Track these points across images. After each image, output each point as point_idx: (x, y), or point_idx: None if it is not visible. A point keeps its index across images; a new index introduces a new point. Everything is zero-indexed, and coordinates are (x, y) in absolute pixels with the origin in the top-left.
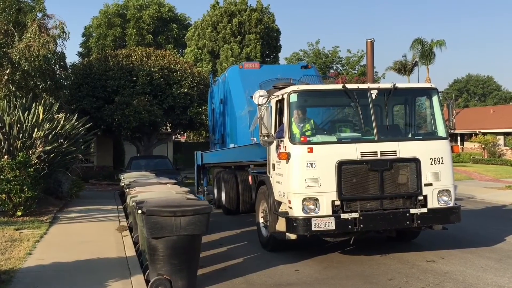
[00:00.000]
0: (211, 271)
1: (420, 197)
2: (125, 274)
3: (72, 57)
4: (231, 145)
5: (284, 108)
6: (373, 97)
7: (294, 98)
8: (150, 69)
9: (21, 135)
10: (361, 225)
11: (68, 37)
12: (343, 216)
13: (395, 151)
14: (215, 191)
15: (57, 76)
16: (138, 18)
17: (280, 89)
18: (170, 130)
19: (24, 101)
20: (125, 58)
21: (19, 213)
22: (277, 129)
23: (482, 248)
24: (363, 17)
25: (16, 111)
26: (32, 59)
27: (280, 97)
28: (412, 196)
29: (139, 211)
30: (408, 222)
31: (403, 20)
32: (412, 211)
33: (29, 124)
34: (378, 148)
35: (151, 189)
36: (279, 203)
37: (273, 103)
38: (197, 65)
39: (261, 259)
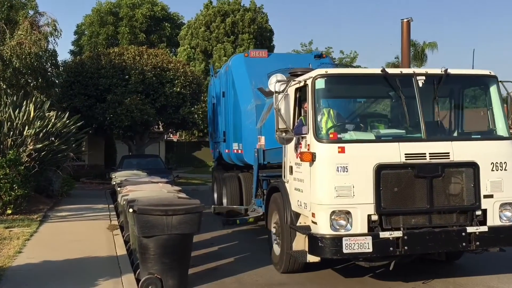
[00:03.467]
0: (202, 270)
1: (478, 212)
2: (115, 273)
3: (64, 55)
4: (234, 144)
5: (307, 96)
6: (420, 85)
7: (321, 84)
8: (142, 67)
9: (11, 133)
10: (405, 247)
11: (60, 34)
12: (383, 235)
13: (448, 153)
14: (215, 194)
15: (49, 74)
16: (131, 17)
17: (298, 76)
18: (162, 129)
19: (15, 98)
20: (118, 56)
21: (9, 211)
22: (295, 123)
23: None
24: (356, 18)
25: (6, 109)
26: (24, 56)
27: (302, 83)
28: (468, 211)
29: (130, 210)
30: (464, 244)
31: (395, 22)
32: (469, 229)
33: (20, 122)
34: (427, 149)
35: (142, 188)
36: (297, 215)
37: (291, 91)
38: (190, 64)
39: (253, 259)
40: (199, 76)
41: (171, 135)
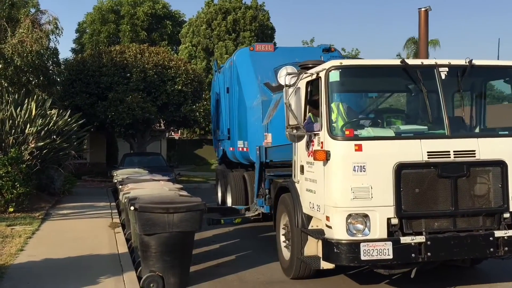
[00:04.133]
0: (203, 268)
1: (506, 214)
2: (117, 270)
3: (65, 53)
4: (239, 142)
5: (320, 90)
6: (443, 77)
7: (335, 76)
8: (144, 65)
9: (13, 131)
10: (428, 253)
11: (62, 32)
12: (404, 240)
13: (474, 151)
14: (219, 194)
15: (50, 72)
16: (132, 15)
17: (309, 69)
18: (163, 127)
19: (16, 96)
20: (119, 54)
21: (11, 209)
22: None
23: None
24: (357, 15)
25: (8, 107)
26: (25, 54)
27: (314, 76)
28: (496, 213)
29: (132, 208)
30: (491, 250)
31: (397, 19)
32: (497, 233)
33: (21, 120)
34: (451, 146)
35: (144, 186)
36: (309, 217)
37: (302, 85)
38: (191, 62)
39: (254, 257)
40: (201, 74)
41: (172, 133)
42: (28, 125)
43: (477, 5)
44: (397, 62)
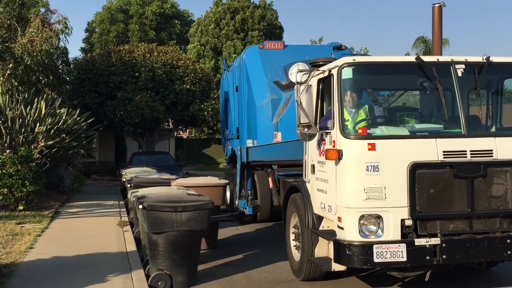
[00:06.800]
0: (211, 267)
1: None
2: (125, 269)
3: (74, 53)
4: (249, 141)
5: (333, 87)
6: (459, 74)
7: (348, 73)
8: (152, 65)
9: (23, 129)
10: (444, 256)
11: (71, 32)
12: (418, 242)
13: (491, 150)
14: (228, 193)
15: (60, 71)
16: (141, 14)
17: (320, 66)
18: (172, 126)
19: (26, 95)
20: (128, 54)
21: (21, 208)
22: (317, 117)
23: None
24: (366, 14)
25: (18, 106)
26: (35, 54)
27: (326, 73)
28: None
29: (140, 206)
30: (509, 252)
31: (406, 19)
32: None
33: (31, 119)
34: (468, 145)
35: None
36: (320, 218)
37: (313, 82)
38: (199, 61)
39: (262, 256)
40: (209, 73)
41: (180, 132)
42: (38, 124)
43: (484, 4)
44: (412, 58)
